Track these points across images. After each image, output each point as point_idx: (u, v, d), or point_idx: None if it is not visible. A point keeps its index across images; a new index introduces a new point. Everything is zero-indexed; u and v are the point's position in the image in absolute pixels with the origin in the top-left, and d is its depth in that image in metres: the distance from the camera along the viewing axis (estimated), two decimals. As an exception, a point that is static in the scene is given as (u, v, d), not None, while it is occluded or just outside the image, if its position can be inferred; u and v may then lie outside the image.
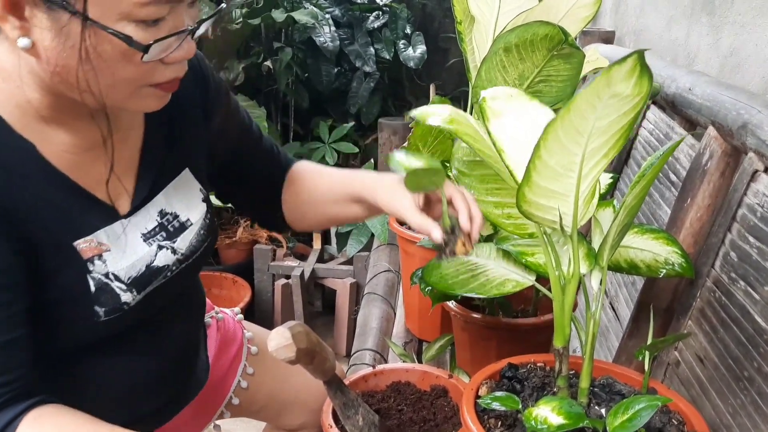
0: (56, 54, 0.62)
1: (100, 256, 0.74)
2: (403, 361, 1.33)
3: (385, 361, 1.49)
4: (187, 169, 0.84)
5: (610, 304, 1.33)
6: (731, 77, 1.31)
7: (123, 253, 0.76)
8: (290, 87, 2.84)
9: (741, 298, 0.83)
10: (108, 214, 0.76)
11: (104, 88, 0.65)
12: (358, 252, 2.51)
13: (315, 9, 2.55)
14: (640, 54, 0.54)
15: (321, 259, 2.87)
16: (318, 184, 0.95)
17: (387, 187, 0.81)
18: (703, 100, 1.06)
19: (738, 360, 0.80)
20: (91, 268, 0.73)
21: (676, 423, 0.73)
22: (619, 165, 1.45)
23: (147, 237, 0.79)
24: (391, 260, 2.05)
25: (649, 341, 0.79)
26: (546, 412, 0.64)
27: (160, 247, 0.80)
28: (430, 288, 0.92)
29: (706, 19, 1.46)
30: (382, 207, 0.82)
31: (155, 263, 0.79)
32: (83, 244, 0.72)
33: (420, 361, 1.23)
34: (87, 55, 0.61)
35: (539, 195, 0.65)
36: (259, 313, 2.78)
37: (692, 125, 1.18)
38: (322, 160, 2.68)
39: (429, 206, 0.80)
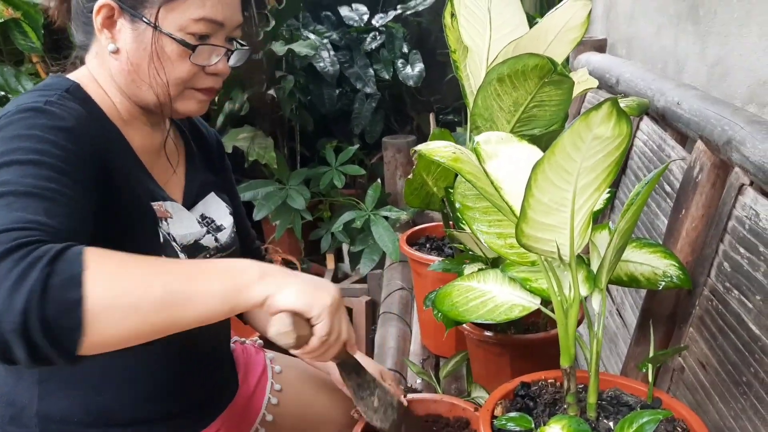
0: (133, 53, 0.88)
1: (165, 219, 0.93)
2: (421, 379, 1.38)
3: (404, 379, 1.54)
4: (213, 192, 1.08)
5: (617, 310, 1.38)
6: (718, 86, 1.35)
7: (181, 224, 0.96)
8: (294, 112, 2.91)
9: (736, 306, 0.87)
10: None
11: (163, 85, 0.89)
12: (372, 270, 2.57)
13: (314, 39, 2.62)
14: (614, 101, 0.60)
15: (335, 279, 2.93)
16: None
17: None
18: (690, 115, 1.11)
19: (736, 366, 0.85)
20: (160, 225, 0.92)
21: (680, 431, 0.78)
22: (616, 178, 1.50)
23: (199, 223, 1.02)
24: (404, 278, 2.10)
25: (651, 354, 0.84)
26: (556, 430, 0.69)
27: (208, 232, 1.02)
28: (442, 315, 0.97)
29: (692, 29, 1.51)
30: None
31: (202, 241, 1.00)
32: (156, 206, 0.92)
33: (437, 377, 1.29)
34: (156, 53, 0.87)
35: (537, 229, 0.70)
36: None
37: (683, 138, 1.23)
38: (331, 183, 2.74)
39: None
